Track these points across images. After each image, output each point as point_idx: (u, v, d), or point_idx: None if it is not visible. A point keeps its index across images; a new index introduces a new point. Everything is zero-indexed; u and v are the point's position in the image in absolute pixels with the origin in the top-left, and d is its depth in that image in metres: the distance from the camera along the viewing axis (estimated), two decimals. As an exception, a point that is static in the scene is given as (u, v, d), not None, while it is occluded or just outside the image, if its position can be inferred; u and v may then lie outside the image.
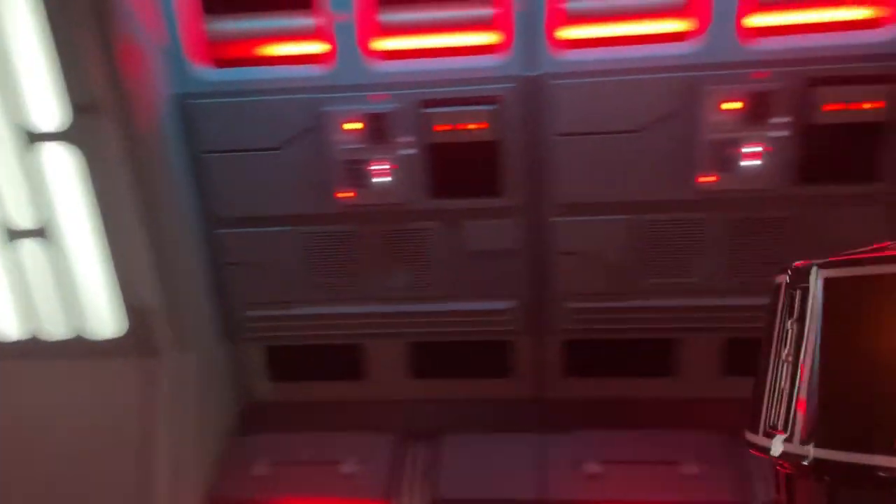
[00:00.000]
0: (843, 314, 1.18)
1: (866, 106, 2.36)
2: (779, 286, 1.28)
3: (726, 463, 2.70)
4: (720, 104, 2.42)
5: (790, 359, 1.22)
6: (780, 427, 1.22)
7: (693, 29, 2.45)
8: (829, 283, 1.19)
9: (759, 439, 1.28)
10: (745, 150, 2.48)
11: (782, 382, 1.23)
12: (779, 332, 1.26)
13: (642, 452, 2.76)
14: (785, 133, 2.45)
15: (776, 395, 1.24)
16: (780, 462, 1.23)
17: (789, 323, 1.24)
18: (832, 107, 2.37)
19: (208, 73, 2.63)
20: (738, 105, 2.41)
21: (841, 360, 1.17)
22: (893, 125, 2.40)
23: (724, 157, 2.50)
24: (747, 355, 2.98)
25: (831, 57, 2.37)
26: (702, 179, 2.55)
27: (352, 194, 2.69)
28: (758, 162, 2.49)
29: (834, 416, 1.16)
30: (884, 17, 2.37)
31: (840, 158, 2.48)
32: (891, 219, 2.58)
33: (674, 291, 2.81)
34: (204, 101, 2.63)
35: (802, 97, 2.40)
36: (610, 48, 2.50)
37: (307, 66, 2.59)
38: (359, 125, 2.57)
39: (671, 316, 2.86)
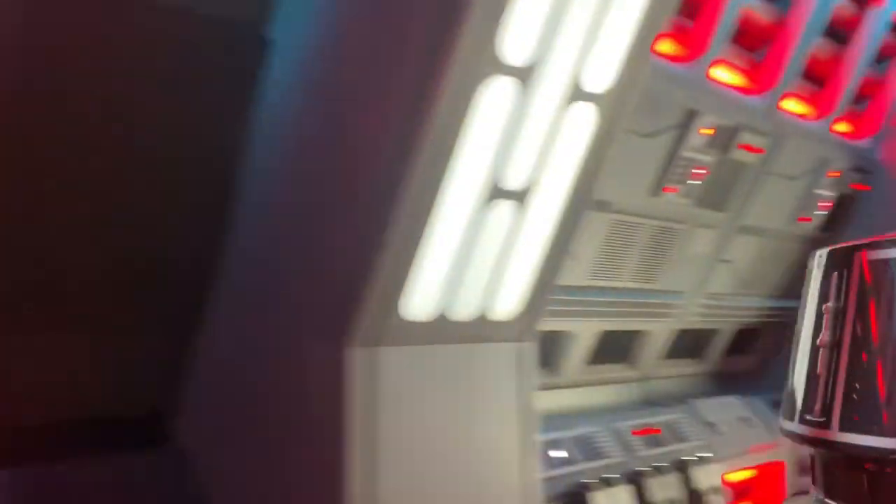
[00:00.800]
0: (888, 296, 1.12)
1: None
2: (811, 271, 1.22)
3: None
4: None
5: (826, 343, 1.15)
6: (817, 413, 1.14)
7: None
8: (873, 266, 1.13)
9: (794, 426, 1.21)
10: None
11: (819, 369, 1.16)
12: (815, 318, 1.20)
13: None
14: None
15: (813, 382, 1.18)
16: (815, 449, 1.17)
17: (825, 308, 1.17)
18: None
19: None
20: None
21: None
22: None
23: None
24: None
25: None
26: None
27: None
28: None
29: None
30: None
31: None
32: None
33: None
34: None
35: None
36: None
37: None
38: None
39: None
